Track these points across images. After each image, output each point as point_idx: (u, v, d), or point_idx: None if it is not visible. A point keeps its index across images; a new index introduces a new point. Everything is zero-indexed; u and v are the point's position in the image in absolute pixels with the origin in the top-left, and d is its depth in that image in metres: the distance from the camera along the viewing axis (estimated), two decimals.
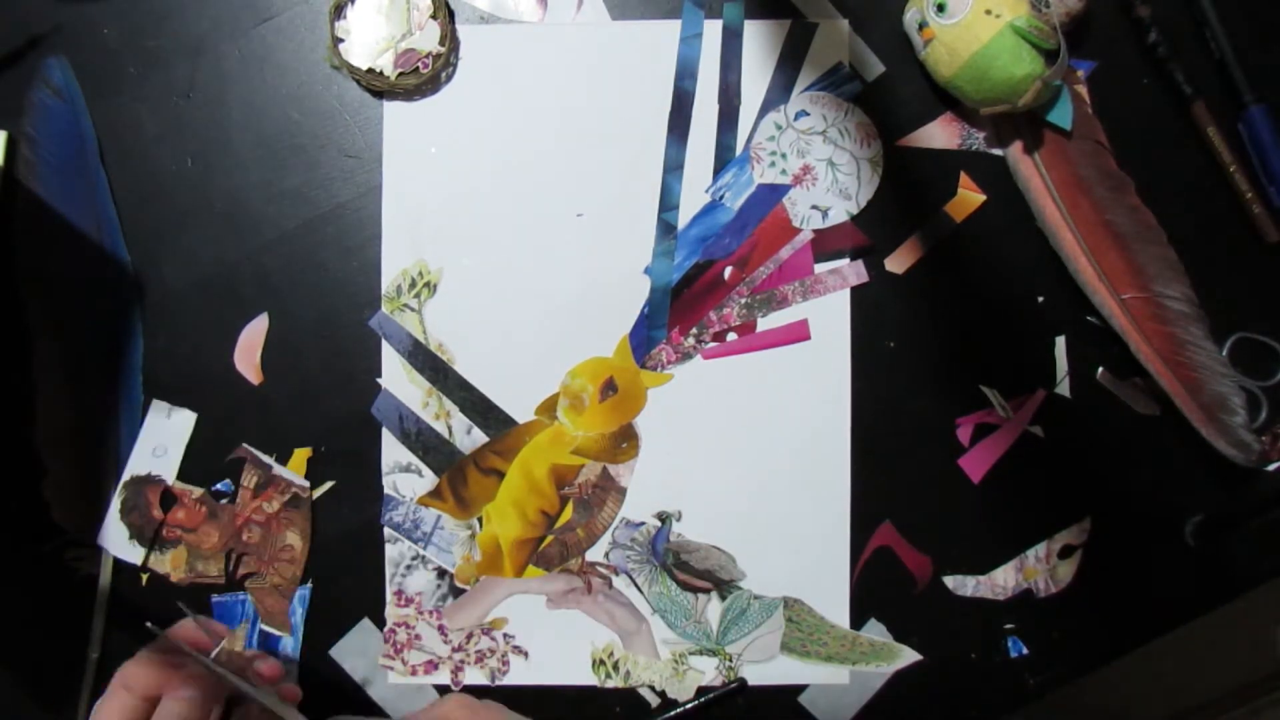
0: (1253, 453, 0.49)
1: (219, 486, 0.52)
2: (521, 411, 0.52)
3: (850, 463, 0.52)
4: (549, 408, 0.52)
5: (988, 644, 0.53)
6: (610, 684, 0.52)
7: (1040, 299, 0.52)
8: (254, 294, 0.52)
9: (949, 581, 0.52)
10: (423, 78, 0.51)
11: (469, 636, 0.52)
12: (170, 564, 0.52)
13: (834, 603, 0.52)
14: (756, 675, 0.52)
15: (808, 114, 0.52)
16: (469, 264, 0.52)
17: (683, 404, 0.52)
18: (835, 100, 0.52)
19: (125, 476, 0.52)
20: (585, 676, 0.52)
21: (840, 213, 0.52)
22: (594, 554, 0.52)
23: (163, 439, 0.52)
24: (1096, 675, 0.52)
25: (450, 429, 0.52)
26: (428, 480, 0.52)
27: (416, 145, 0.52)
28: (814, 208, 0.52)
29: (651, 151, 0.52)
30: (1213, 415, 0.50)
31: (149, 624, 0.51)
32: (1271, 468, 0.52)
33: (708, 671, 0.52)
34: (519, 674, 0.52)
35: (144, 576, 0.52)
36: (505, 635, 0.52)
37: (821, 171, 0.52)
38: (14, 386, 0.51)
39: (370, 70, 0.51)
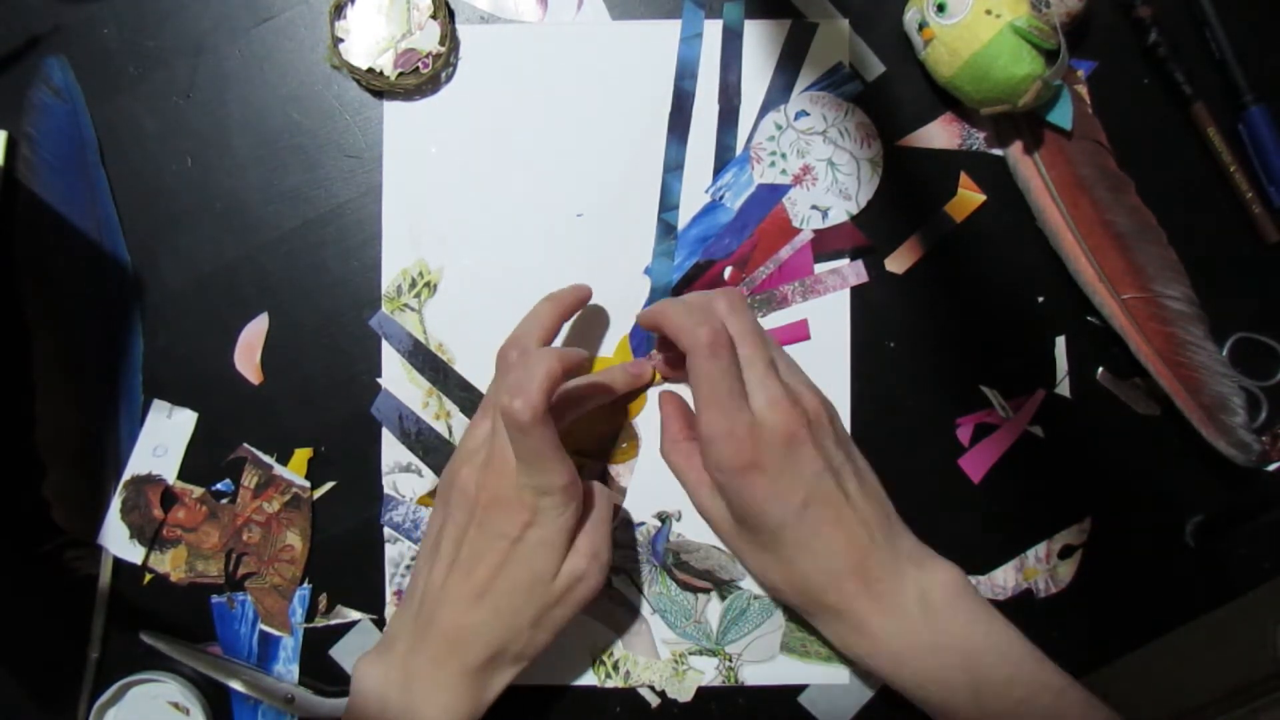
0: (1253, 453, 0.49)
1: (219, 486, 0.52)
2: None
3: None
4: None
5: None
6: (610, 684, 0.52)
7: (1040, 299, 0.52)
8: (254, 294, 0.52)
9: None
10: (423, 78, 0.51)
11: None
12: (170, 564, 0.52)
13: None
14: (756, 675, 0.52)
15: (808, 114, 0.52)
16: (469, 264, 0.52)
17: None
18: (835, 100, 0.52)
19: (125, 476, 0.52)
20: (585, 676, 0.52)
21: (840, 213, 0.52)
22: None
23: (163, 439, 0.52)
24: (1096, 675, 0.52)
25: (450, 429, 0.52)
26: (428, 480, 0.52)
27: (416, 145, 0.52)
28: (814, 208, 0.52)
29: (651, 151, 0.52)
30: (1213, 415, 0.50)
31: (144, 636, 0.51)
32: (1271, 468, 0.52)
33: (708, 671, 0.52)
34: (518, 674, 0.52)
35: (147, 576, 0.52)
36: None
37: (821, 171, 0.52)
38: (14, 386, 0.51)
39: (370, 70, 0.51)
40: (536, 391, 0.41)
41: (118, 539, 0.52)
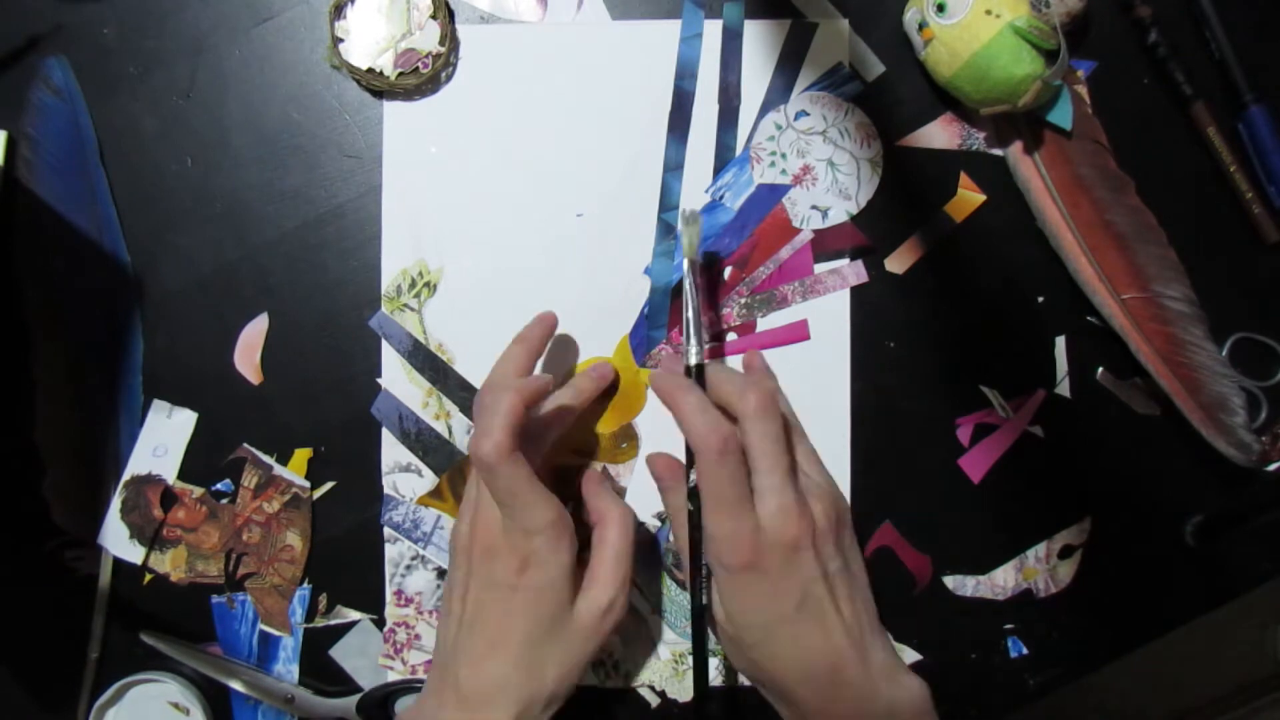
0: (1253, 453, 0.49)
1: (219, 486, 0.52)
2: None
3: (850, 463, 0.52)
4: None
5: (988, 644, 0.53)
6: (610, 684, 0.52)
7: (1040, 299, 0.52)
8: (254, 294, 0.52)
9: (949, 581, 0.52)
10: (423, 78, 0.51)
11: None
12: (170, 564, 0.52)
13: None
14: None
15: (808, 114, 0.52)
16: (469, 264, 0.52)
17: None
18: (835, 100, 0.52)
19: (125, 476, 0.52)
20: (585, 676, 0.52)
21: (840, 213, 0.52)
22: None
23: (163, 439, 0.52)
24: (1096, 675, 0.52)
25: (450, 429, 0.52)
26: (428, 480, 0.52)
27: (416, 145, 0.52)
28: (814, 208, 0.52)
29: (651, 151, 0.52)
30: (1213, 415, 0.50)
31: (144, 636, 0.52)
32: (1271, 468, 0.52)
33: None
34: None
35: (147, 576, 0.52)
36: None
37: (821, 171, 0.52)
38: (14, 386, 0.51)
39: (370, 70, 0.51)
40: (499, 430, 0.41)
41: (118, 539, 0.52)
